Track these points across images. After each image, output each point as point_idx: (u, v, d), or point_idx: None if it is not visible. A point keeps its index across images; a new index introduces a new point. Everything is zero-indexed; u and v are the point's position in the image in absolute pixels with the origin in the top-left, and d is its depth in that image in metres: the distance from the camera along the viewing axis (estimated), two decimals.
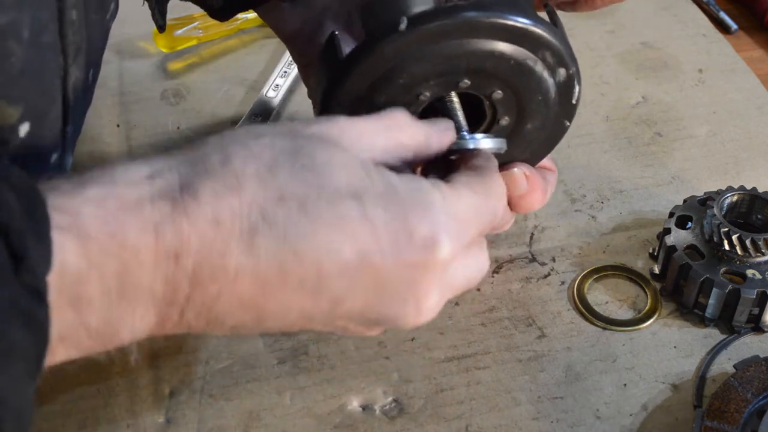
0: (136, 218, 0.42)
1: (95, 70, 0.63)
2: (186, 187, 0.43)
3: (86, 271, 0.41)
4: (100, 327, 0.42)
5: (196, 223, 0.43)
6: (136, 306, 0.43)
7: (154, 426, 0.64)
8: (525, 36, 0.57)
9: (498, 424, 0.65)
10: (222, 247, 0.43)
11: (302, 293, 0.46)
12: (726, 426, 0.62)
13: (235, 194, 0.43)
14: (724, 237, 0.70)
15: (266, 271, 0.44)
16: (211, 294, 0.44)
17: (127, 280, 0.42)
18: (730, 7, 1.07)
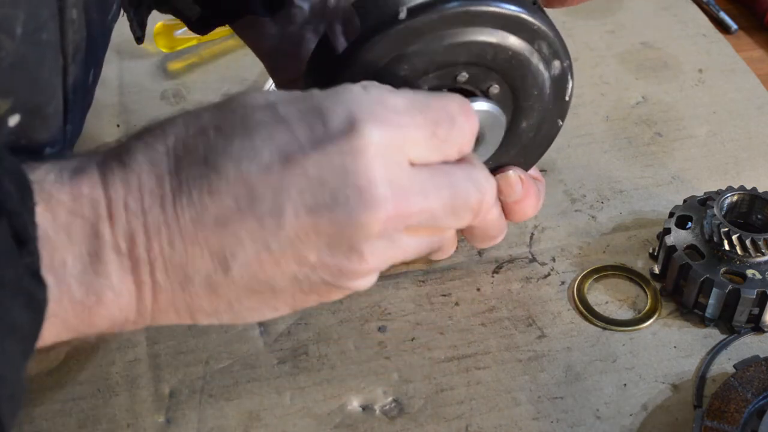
0: (89, 177, 0.45)
1: (96, 70, 0.63)
2: (125, 147, 0.47)
3: (55, 235, 0.43)
4: (82, 295, 0.43)
5: (133, 169, 0.45)
6: (108, 265, 0.44)
7: (154, 426, 0.64)
8: (522, 25, 0.57)
9: (498, 424, 0.65)
10: (156, 187, 0.45)
11: (241, 213, 0.45)
12: (726, 426, 0.62)
13: (161, 139, 0.46)
14: (724, 237, 0.70)
15: (197, 196, 0.45)
16: (163, 241, 0.45)
17: (93, 239, 0.44)
18: (730, 7, 1.07)
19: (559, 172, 0.84)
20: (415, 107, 0.49)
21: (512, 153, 0.64)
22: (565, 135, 0.87)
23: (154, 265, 0.46)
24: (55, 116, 0.55)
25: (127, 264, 0.45)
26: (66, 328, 0.44)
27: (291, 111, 0.46)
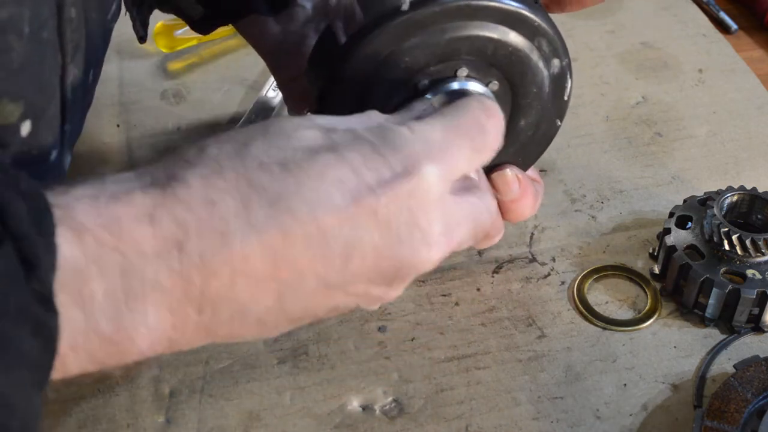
0: (129, 208, 0.42)
1: (96, 70, 0.63)
2: (172, 177, 0.43)
3: (85, 266, 0.40)
4: (112, 331, 0.41)
5: (191, 206, 0.43)
6: (145, 303, 0.42)
7: (154, 426, 0.64)
8: (523, 21, 0.57)
9: (498, 424, 0.65)
10: (221, 225, 0.43)
11: (310, 252, 0.45)
12: (726, 426, 0.62)
13: (218, 175, 0.44)
14: (724, 237, 0.70)
15: (270, 238, 0.44)
16: (225, 280, 0.43)
17: (130, 275, 0.41)
18: (730, 7, 1.07)
19: (559, 172, 0.84)
20: (451, 132, 0.51)
21: (510, 151, 0.63)
22: (565, 135, 0.88)
23: (206, 304, 0.44)
24: (54, 117, 0.55)
25: (171, 302, 0.43)
26: (92, 361, 0.42)
27: (355, 156, 0.46)
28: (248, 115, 0.88)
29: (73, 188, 0.42)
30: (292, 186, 0.44)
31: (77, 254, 0.40)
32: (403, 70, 0.57)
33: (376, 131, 0.48)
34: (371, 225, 0.46)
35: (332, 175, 0.45)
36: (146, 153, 0.85)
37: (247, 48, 0.99)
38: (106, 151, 0.85)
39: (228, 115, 0.90)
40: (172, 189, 0.43)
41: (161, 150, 0.85)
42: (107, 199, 0.42)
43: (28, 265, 0.37)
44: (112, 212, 0.41)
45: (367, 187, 0.46)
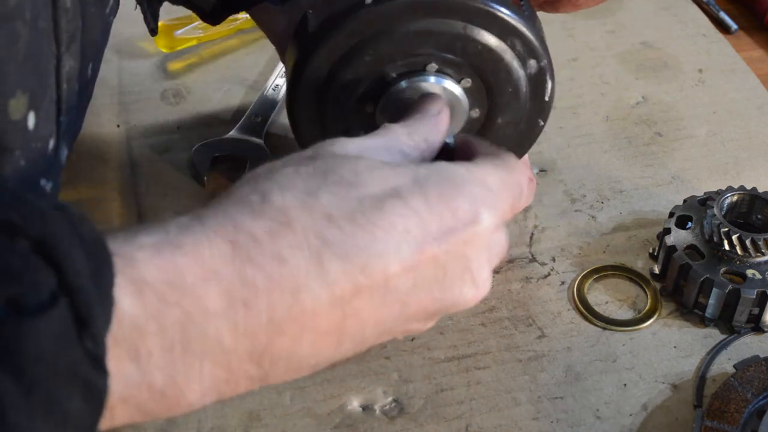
0: (194, 264, 0.41)
1: (95, 65, 0.63)
2: (239, 228, 0.42)
3: (144, 321, 0.39)
4: (164, 386, 0.40)
5: (260, 263, 0.42)
6: (202, 360, 0.41)
7: (154, 426, 0.64)
8: (493, 20, 0.57)
9: (498, 424, 0.65)
10: (293, 283, 0.42)
11: (374, 303, 0.45)
12: (726, 426, 0.62)
13: (288, 228, 0.43)
14: (724, 237, 0.70)
15: (341, 295, 0.44)
16: (291, 337, 0.43)
17: (191, 332, 0.40)
18: (730, 7, 1.07)
19: (559, 172, 0.84)
20: (502, 186, 0.52)
21: None
22: (565, 135, 0.88)
23: (266, 361, 0.43)
24: (51, 106, 0.55)
25: (231, 360, 0.42)
26: (140, 412, 0.41)
27: (420, 204, 0.47)
28: (248, 115, 0.88)
29: (136, 236, 0.41)
30: (361, 240, 0.44)
31: (136, 309, 0.39)
32: (368, 62, 0.58)
33: (435, 173, 0.49)
34: (430, 271, 0.47)
35: (401, 226, 0.46)
36: (146, 153, 0.85)
37: (247, 48, 0.99)
38: (106, 151, 0.85)
39: (228, 115, 0.90)
40: (239, 245, 0.42)
41: (161, 150, 0.85)
42: (171, 251, 0.40)
43: (83, 322, 0.36)
44: (176, 267, 0.40)
45: (431, 237, 0.47)
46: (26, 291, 0.35)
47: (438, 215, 0.47)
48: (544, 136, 0.86)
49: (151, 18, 0.74)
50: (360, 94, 0.60)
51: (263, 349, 0.42)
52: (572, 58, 0.97)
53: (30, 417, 0.34)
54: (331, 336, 0.45)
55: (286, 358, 0.44)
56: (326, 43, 0.57)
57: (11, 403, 0.33)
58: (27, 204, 0.37)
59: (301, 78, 0.59)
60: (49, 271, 0.36)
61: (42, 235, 0.36)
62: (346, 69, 0.58)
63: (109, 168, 0.83)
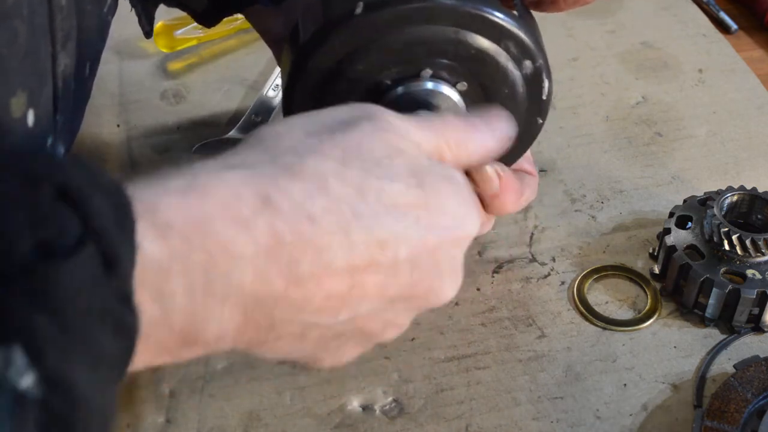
0: (223, 210, 0.42)
1: (93, 64, 0.63)
2: (274, 183, 0.44)
3: (168, 264, 0.40)
4: (184, 324, 0.41)
5: (292, 220, 0.43)
6: (224, 303, 0.42)
7: (154, 426, 0.64)
8: (485, 24, 0.57)
9: (498, 424, 0.65)
10: (319, 243, 0.44)
11: (378, 279, 0.47)
12: (726, 426, 0.62)
13: (324, 192, 0.45)
14: (724, 237, 0.70)
15: (357, 264, 0.46)
16: (304, 294, 0.45)
17: (214, 275, 0.41)
18: (730, 7, 1.07)
19: (559, 172, 0.84)
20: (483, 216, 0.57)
21: None
22: (565, 135, 0.88)
23: (275, 309, 0.45)
24: (48, 103, 0.55)
25: (247, 305, 0.43)
26: (160, 353, 0.42)
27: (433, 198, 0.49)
28: (248, 115, 0.88)
29: (162, 180, 0.42)
30: (384, 218, 0.47)
31: (160, 252, 0.40)
32: (361, 71, 0.58)
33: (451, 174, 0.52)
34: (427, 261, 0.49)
35: (414, 213, 0.48)
36: (146, 153, 0.85)
37: (247, 48, 0.99)
38: (106, 151, 0.85)
39: (228, 115, 0.90)
40: (271, 199, 0.43)
41: (161, 150, 0.85)
42: (199, 197, 0.41)
43: (110, 263, 0.37)
44: (203, 212, 0.41)
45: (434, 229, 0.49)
46: (55, 235, 0.35)
47: (444, 213, 0.50)
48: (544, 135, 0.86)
49: (145, 21, 0.74)
50: (356, 101, 0.60)
51: (277, 298, 0.44)
52: (572, 58, 0.97)
53: (67, 355, 0.35)
54: (334, 301, 0.46)
55: (293, 314, 0.45)
56: (317, 55, 0.58)
57: (49, 342, 0.34)
58: (45, 156, 0.38)
59: (295, 88, 0.60)
60: (73, 216, 0.36)
61: (64, 182, 0.37)
62: (339, 78, 0.59)
63: (109, 168, 0.83)
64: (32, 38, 0.50)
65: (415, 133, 0.52)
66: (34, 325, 0.34)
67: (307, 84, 0.59)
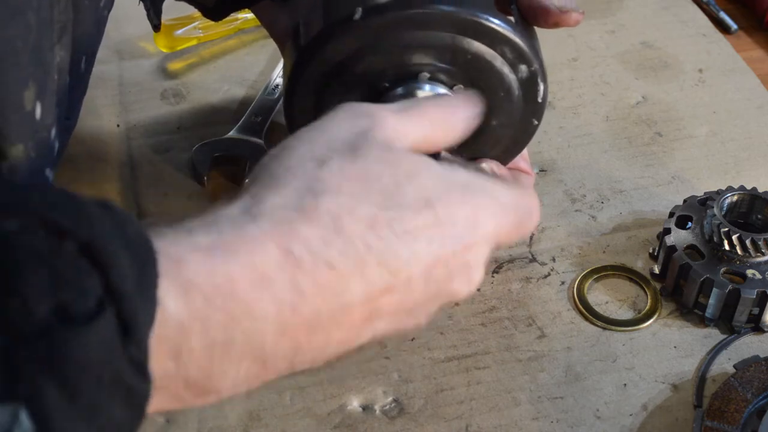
0: (248, 270, 0.42)
1: (89, 59, 0.63)
2: (294, 236, 0.44)
3: (188, 322, 0.40)
4: (199, 380, 0.41)
5: (312, 271, 0.44)
6: (241, 360, 0.43)
7: (154, 426, 0.64)
8: (480, 29, 0.58)
9: (498, 424, 0.65)
10: (338, 287, 0.45)
11: (395, 300, 0.49)
12: (726, 426, 0.62)
13: (339, 236, 0.45)
14: (724, 237, 0.70)
15: (373, 295, 0.47)
16: (326, 335, 0.46)
17: (235, 334, 0.42)
18: (730, 7, 1.07)
19: (559, 172, 0.84)
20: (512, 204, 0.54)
21: (486, 149, 0.65)
22: (565, 135, 0.88)
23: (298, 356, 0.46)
24: (51, 96, 0.55)
25: (267, 359, 0.44)
26: (172, 401, 0.42)
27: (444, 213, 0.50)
28: (248, 115, 0.88)
29: (188, 234, 0.42)
30: (396, 246, 0.47)
31: (181, 310, 0.40)
32: (359, 75, 0.58)
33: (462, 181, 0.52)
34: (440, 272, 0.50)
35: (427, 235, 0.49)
36: (146, 153, 0.85)
37: (247, 48, 0.99)
38: (106, 151, 0.85)
39: (228, 115, 0.90)
40: (292, 253, 0.43)
41: (161, 150, 0.85)
42: (224, 257, 0.41)
43: (127, 329, 0.37)
44: (227, 273, 0.41)
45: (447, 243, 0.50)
46: (74, 298, 0.35)
47: (454, 224, 0.50)
48: (544, 135, 0.86)
49: (154, 15, 0.75)
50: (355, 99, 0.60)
51: (299, 347, 0.45)
52: (572, 58, 0.97)
53: (73, 425, 0.34)
54: (355, 330, 0.47)
55: (314, 352, 0.46)
56: (316, 58, 0.58)
57: (55, 411, 0.34)
58: (73, 203, 0.38)
59: (296, 86, 0.61)
60: (95, 275, 0.36)
61: (89, 237, 0.36)
62: (339, 79, 0.59)
63: (109, 168, 0.83)
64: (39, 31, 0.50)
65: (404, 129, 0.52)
66: (43, 392, 0.34)
67: (308, 83, 0.60)
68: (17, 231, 0.35)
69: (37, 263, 0.35)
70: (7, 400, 0.33)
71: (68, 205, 0.38)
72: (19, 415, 0.33)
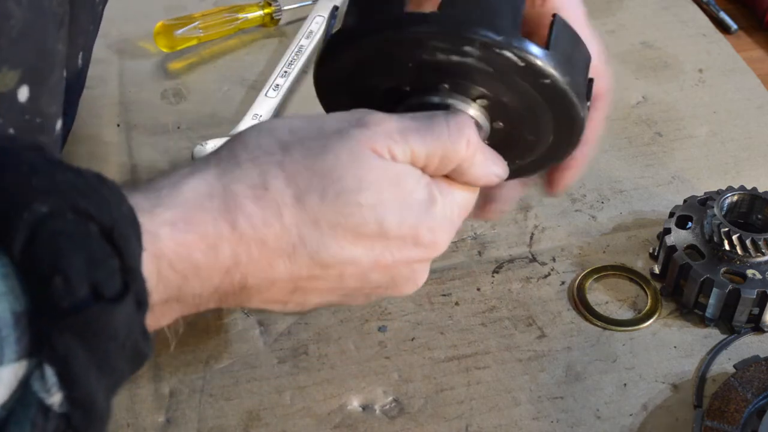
0: (202, 240, 0.47)
1: (85, 54, 0.63)
2: (239, 210, 0.49)
3: (154, 284, 0.45)
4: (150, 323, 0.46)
5: (248, 243, 0.49)
6: (184, 308, 0.50)
7: (154, 426, 0.64)
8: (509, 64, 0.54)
9: (498, 424, 0.65)
10: (266, 262, 0.50)
11: (320, 286, 0.53)
12: (726, 426, 0.62)
13: (278, 220, 0.49)
14: (724, 237, 0.70)
15: (299, 277, 0.52)
16: (249, 295, 0.52)
17: (184, 290, 0.48)
18: (730, 7, 1.07)
19: None
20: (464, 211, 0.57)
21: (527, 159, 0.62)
22: None
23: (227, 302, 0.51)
24: (58, 86, 0.55)
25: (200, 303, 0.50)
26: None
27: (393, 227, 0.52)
28: (248, 115, 0.88)
29: (159, 211, 0.46)
30: (334, 246, 0.51)
31: (152, 276, 0.45)
32: (372, 85, 0.57)
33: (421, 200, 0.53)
34: (380, 276, 0.54)
35: (368, 243, 0.52)
36: (146, 153, 0.85)
37: (247, 48, 0.99)
38: (106, 151, 0.85)
39: (228, 115, 0.90)
40: (238, 227, 0.48)
41: (161, 150, 0.85)
42: (185, 229, 0.47)
43: (140, 304, 0.42)
44: (186, 243, 0.47)
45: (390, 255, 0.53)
46: (105, 277, 0.39)
47: (402, 240, 0.53)
48: None
49: None
50: (376, 99, 0.59)
51: (226, 300, 0.51)
52: None
53: (95, 383, 0.39)
54: (281, 296, 0.53)
55: (240, 304, 0.53)
56: (329, 62, 0.58)
57: (82, 373, 0.39)
58: (90, 186, 0.41)
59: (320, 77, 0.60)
60: (115, 256, 0.40)
61: (111, 222, 0.41)
62: (351, 86, 0.58)
63: (109, 168, 0.83)
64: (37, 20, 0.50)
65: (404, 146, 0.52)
66: (73, 357, 0.38)
67: (331, 75, 0.59)
68: (48, 213, 0.39)
69: (73, 246, 0.39)
70: (33, 358, 0.38)
71: (86, 187, 0.41)
72: (44, 373, 0.38)
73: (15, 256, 0.38)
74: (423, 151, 0.53)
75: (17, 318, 0.38)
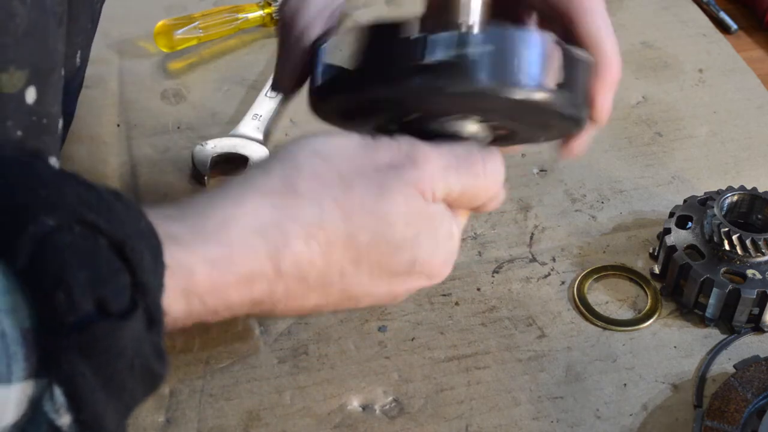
0: (239, 281, 0.47)
1: (84, 53, 0.63)
2: (287, 249, 0.48)
3: (182, 317, 0.46)
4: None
5: (287, 281, 0.49)
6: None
7: (154, 426, 0.64)
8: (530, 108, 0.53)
9: (498, 424, 0.65)
10: (301, 295, 0.51)
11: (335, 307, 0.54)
12: (726, 426, 0.62)
13: (323, 258, 0.50)
14: (724, 237, 0.70)
15: (325, 304, 0.53)
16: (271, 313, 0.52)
17: (210, 318, 0.48)
18: (730, 7, 1.07)
19: (559, 172, 0.84)
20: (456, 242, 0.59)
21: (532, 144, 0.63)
22: None
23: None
24: (58, 85, 0.55)
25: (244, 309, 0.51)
26: None
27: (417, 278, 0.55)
28: (248, 115, 0.88)
29: (202, 246, 0.45)
30: (365, 287, 0.53)
31: (179, 310, 0.45)
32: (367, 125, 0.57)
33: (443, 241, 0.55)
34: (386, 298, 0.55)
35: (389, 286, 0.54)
36: (146, 153, 0.85)
37: (247, 48, 0.99)
38: (106, 151, 0.85)
39: (228, 115, 0.90)
40: (281, 266, 0.48)
41: (161, 150, 0.85)
42: (224, 266, 0.46)
43: (152, 321, 0.41)
44: (224, 282, 0.46)
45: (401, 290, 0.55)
46: (112, 293, 0.39)
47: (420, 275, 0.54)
48: None
49: None
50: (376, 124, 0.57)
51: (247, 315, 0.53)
52: None
53: (103, 406, 0.39)
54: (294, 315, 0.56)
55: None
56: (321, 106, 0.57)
57: (89, 395, 0.38)
58: (101, 199, 0.41)
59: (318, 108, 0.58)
60: (125, 271, 0.39)
61: (122, 237, 0.40)
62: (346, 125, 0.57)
63: (109, 168, 0.83)
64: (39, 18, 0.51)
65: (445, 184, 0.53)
66: (79, 376, 0.37)
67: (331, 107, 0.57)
68: (55, 227, 0.38)
69: (79, 259, 0.38)
70: (42, 377, 0.37)
71: (97, 201, 0.40)
72: (53, 393, 0.37)
73: (20, 270, 0.37)
74: (458, 189, 0.54)
75: (25, 334, 0.37)
